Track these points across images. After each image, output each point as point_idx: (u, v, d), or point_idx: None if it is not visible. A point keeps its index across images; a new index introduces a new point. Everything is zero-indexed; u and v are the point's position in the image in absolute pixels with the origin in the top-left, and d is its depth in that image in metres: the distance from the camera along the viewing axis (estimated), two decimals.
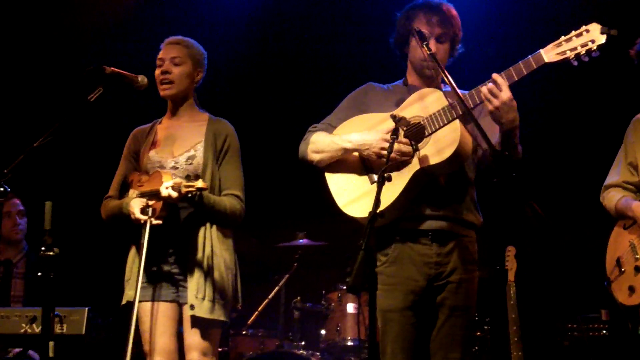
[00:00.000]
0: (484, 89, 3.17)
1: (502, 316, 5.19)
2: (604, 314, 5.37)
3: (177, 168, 3.85)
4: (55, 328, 4.17)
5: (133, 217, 3.70)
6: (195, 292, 3.72)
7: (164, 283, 3.81)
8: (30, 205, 5.46)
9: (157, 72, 3.93)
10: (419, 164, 3.28)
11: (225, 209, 3.82)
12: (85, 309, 4.34)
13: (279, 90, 6.71)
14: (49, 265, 3.29)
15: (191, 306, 3.72)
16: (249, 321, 5.92)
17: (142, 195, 3.77)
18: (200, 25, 6.18)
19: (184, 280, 3.79)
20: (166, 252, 3.81)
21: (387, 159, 3.06)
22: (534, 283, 5.84)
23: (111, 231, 3.96)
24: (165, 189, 3.62)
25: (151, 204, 3.69)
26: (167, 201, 3.67)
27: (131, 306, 3.68)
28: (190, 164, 3.86)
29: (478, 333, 5.63)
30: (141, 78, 3.75)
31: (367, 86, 3.69)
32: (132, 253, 3.89)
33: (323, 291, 5.94)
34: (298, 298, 5.86)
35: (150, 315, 3.78)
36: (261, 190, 4.86)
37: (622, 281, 3.92)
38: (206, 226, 3.81)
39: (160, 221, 3.68)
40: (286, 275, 5.96)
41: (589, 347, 5.33)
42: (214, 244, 3.81)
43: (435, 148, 3.29)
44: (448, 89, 3.31)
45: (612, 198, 4.06)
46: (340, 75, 6.27)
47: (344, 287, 5.76)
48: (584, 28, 3.13)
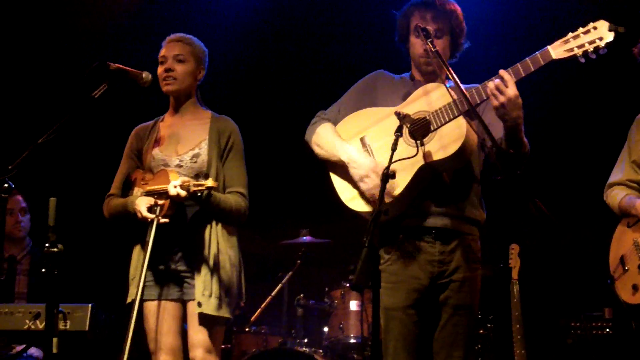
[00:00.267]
0: (491, 84, 3.14)
1: (506, 314, 5.19)
2: (607, 312, 5.36)
3: (182, 166, 3.85)
4: (59, 324, 4.15)
5: (140, 216, 3.69)
6: (202, 290, 3.72)
7: (170, 281, 3.82)
8: (35, 201, 5.46)
9: (160, 70, 3.92)
10: (424, 160, 3.26)
11: (231, 207, 3.82)
12: (89, 305, 4.33)
13: (282, 87, 6.70)
14: (53, 261, 3.29)
15: (198, 304, 3.72)
16: (252, 318, 5.92)
17: (149, 194, 3.77)
18: (202, 21, 6.17)
19: (190, 278, 3.79)
20: (172, 251, 3.81)
21: (391, 157, 3.05)
22: (538, 281, 5.83)
23: (115, 228, 3.97)
24: (174, 187, 3.62)
25: (158, 202, 3.69)
26: (175, 200, 3.67)
27: (134, 304, 3.66)
28: (195, 162, 3.86)
29: (481, 331, 5.62)
30: (145, 74, 3.76)
31: (379, 73, 3.68)
32: (137, 251, 3.89)
33: (326, 288, 5.93)
34: (301, 295, 5.85)
35: (157, 314, 3.79)
36: (265, 188, 4.86)
37: (626, 279, 3.92)
38: (212, 224, 3.82)
39: (167, 220, 3.67)
40: (289, 273, 5.97)
41: (592, 346, 5.32)
42: (219, 242, 3.81)
43: (440, 144, 3.27)
44: (452, 83, 3.29)
45: (616, 196, 4.06)
46: (344, 71, 6.25)
47: (347, 285, 5.76)
48: (591, 25, 3.09)
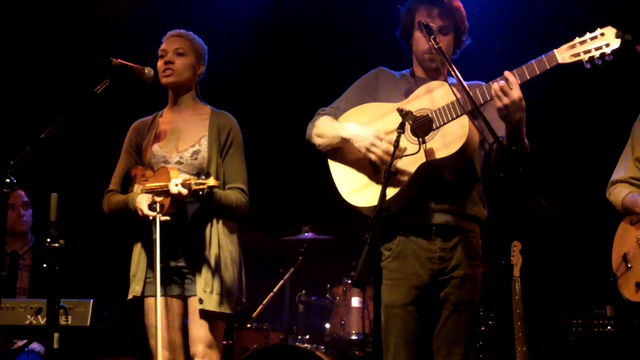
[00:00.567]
0: (495, 86, 3.12)
1: (507, 311, 5.19)
2: (609, 310, 5.35)
3: (182, 163, 3.85)
4: (61, 320, 4.16)
5: (141, 214, 3.69)
6: (204, 286, 3.73)
7: (172, 278, 3.82)
8: (37, 197, 5.45)
9: (160, 63, 3.92)
10: (425, 157, 3.25)
11: (232, 203, 3.82)
12: (91, 301, 4.33)
13: (283, 83, 6.70)
14: (55, 256, 3.28)
15: (200, 300, 3.72)
16: (253, 314, 5.92)
17: (149, 191, 3.77)
18: (203, 18, 6.17)
19: (191, 275, 3.79)
20: (173, 248, 3.81)
21: (393, 153, 3.05)
22: (539, 278, 5.83)
23: (117, 224, 3.96)
24: (175, 186, 3.62)
25: (159, 200, 3.69)
26: (177, 198, 3.66)
27: (139, 301, 3.79)
28: (195, 159, 3.85)
29: (483, 328, 5.62)
30: (148, 70, 3.76)
31: (379, 70, 3.66)
32: (138, 248, 3.89)
33: (328, 285, 5.93)
34: (303, 292, 5.85)
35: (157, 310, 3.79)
36: (267, 184, 4.86)
37: (629, 277, 3.91)
38: (213, 221, 3.82)
39: (168, 217, 3.68)
40: (291, 269, 5.96)
41: (593, 343, 5.31)
42: (220, 239, 3.81)
43: (442, 142, 3.26)
44: (453, 80, 3.28)
45: (619, 194, 4.05)
46: (347, 67, 6.24)
47: (348, 281, 5.76)
48: (599, 31, 3.06)
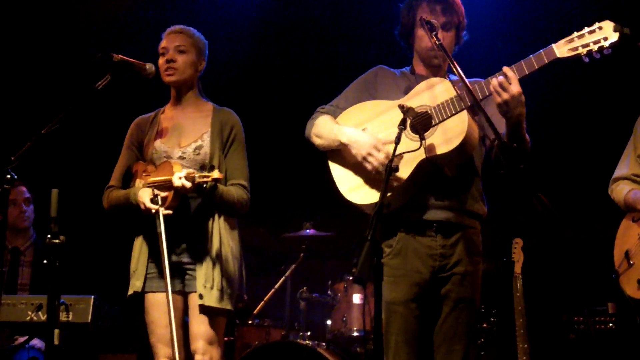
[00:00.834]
0: (494, 81, 3.14)
1: (509, 308, 5.17)
2: (611, 307, 5.34)
3: (185, 158, 3.85)
4: (61, 316, 4.17)
5: (143, 207, 3.69)
6: (204, 282, 3.73)
7: (173, 274, 3.80)
8: (37, 193, 5.45)
9: (161, 61, 3.91)
10: (425, 153, 3.25)
11: (234, 199, 3.82)
12: (92, 297, 4.33)
13: (285, 80, 6.69)
14: (55, 252, 3.29)
15: (200, 295, 3.72)
16: (255, 311, 5.92)
17: (151, 185, 3.76)
18: (205, 14, 6.16)
19: (192, 270, 3.79)
20: (175, 243, 3.80)
21: (394, 150, 3.04)
22: (541, 275, 5.82)
23: (117, 220, 3.96)
24: (179, 179, 3.62)
25: (161, 194, 3.68)
26: (180, 191, 3.66)
27: (140, 297, 3.80)
28: (197, 154, 3.85)
29: (484, 325, 5.61)
30: (149, 66, 3.76)
31: (378, 69, 3.66)
32: (138, 244, 3.89)
33: (329, 282, 5.92)
34: (304, 288, 5.85)
35: (158, 307, 3.79)
36: (268, 181, 4.86)
37: (631, 274, 3.90)
38: (214, 217, 3.82)
39: (170, 211, 3.67)
40: (292, 266, 5.96)
41: (595, 341, 5.31)
42: (222, 234, 3.81)
43: (442, 138, 3.26)
44: (454, 77, 3.28)
45: (621, 191, 4.04)
46: (347, 62, 6.25)
47: (350, 278, 5.75)
48: (597, 25, 3.10)
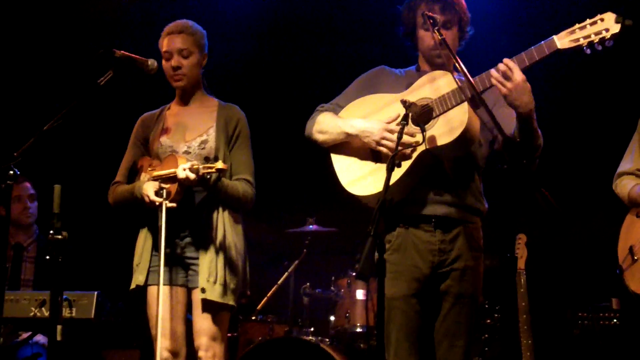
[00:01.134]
0: (495, 73, 3.13)
1: (512, 304, 5.17)
2: (615, 303, 5.33)
3: (190, 153, 3.85)
4: (65, 312, 4.18)
5: (148, 200, 3.69)
6: (207, 276, 3.72)
7: (175, 267, 3.81)
8: (40, 188, 5.46)
9: (166, 66, 3.91)
10: (425, 145, 3.24)
11: (239, 194, 3.82)
12: (95, 293, 4.33)
13: (288, 77, 6.69)
14: (58, 248, 3.29)
15: (202, 289, 3.72)
16: (258, 307, 5.93)
17: (156, 179, 3.76)
18: (206, 10, 6.15)
19: (195, 265, 3.79)
20: (179, 236, 3.81)
21: (397, 145, 3.03)
22: (545, 271, 5.81)
23: (121, 215, 3.96)
24: (183, 170, 3.61)
25: (166, 186, 3.68)
26: (185, 183, 3.66)
27: (142, 290, 3.78)
28: (203, 149, 3.85)
29: (488, 321, 5.61)
30: (151, 62, 3.74)
31: (380, 69, 3.66)
32: (142, 237, 3.89)
33: (332, 277, 5.93)
34: (307, 284, 5.85)
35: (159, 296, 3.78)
36: (271, 176, 4.84)
37: (635, 270, 3.90)
38: (219, 210, 3.82)
39: (174, 204, 3.67)
40: (296, 261, 5.96)
41: (599, 336, 5.30)
42: (226, 229, 3.80)
43: (442, 130, 3.25)
44: (461, 76, 3.27)
45: (625, 186, 4.04)
46: (350, 60, 6.25)
47: (353, 274, 5.75)
48: (598, 17, 3.08)
